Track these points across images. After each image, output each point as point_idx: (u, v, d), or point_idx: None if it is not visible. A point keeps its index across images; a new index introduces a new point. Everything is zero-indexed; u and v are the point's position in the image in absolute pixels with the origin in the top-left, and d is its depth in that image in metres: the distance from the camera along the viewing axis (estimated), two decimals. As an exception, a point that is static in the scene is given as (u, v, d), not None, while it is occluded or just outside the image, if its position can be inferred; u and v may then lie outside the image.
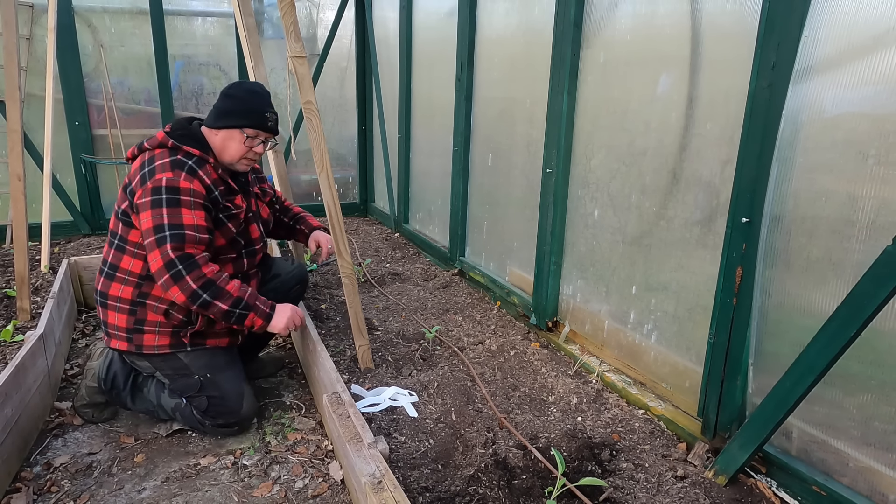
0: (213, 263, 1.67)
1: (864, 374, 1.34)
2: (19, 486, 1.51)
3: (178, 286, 1.57)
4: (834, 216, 1.37)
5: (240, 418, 1.75)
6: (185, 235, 1.58)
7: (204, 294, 1.59)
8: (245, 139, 1.71)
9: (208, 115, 1.76)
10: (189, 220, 1.60)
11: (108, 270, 1.72)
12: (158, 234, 1.57)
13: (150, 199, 1.58)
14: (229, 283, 1.65)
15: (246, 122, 1.71)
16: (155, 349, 1.72)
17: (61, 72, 3.61)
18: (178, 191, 1.59)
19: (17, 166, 2.43)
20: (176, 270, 1.56)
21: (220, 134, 1.72)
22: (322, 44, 4.42)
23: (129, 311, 1.70)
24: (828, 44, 1.34)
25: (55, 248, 3.55)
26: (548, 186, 2.38)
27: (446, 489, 1.56)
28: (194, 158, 1.67)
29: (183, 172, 1.61)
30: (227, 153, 1.73)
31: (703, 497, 1.54)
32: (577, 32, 2.15)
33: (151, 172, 1.61)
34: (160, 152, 1.67)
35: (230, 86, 1.76)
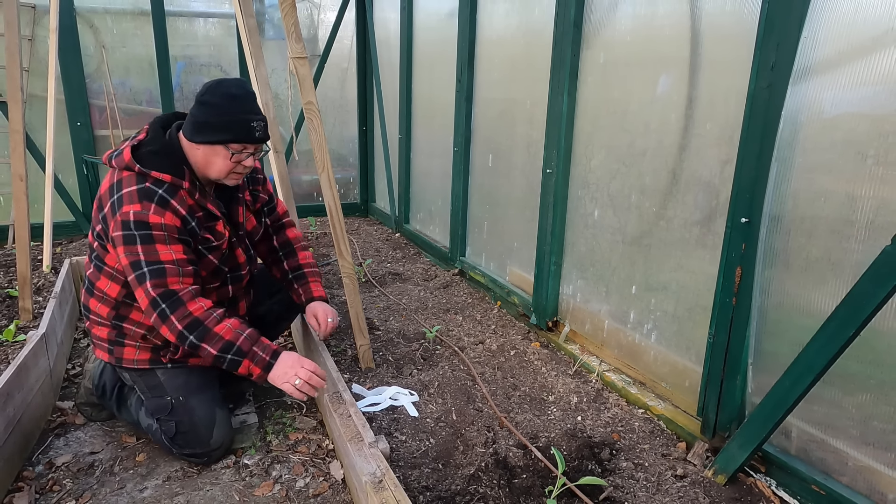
0: (203, 298, 1.51)
1: (863, 373, 1.35)
2: (21, 485, 1.52)
3: (166, 326, 1.46)
4: (833, 216, 1.37)
5: (209, 449, 1.61)
6: (165, 270, 1.45)
7: (190, 336, 1.46)
8: (231, 155, 1.50)
9: (185, 123, 1.53)
10: (167, 256, 1.46)
11: (87, 285, 1.64)
12: (137, 270, 1.45)
13: (122, 233, 1.44)
14: (221, 322, 1.49)
15: (228, 137, 1.48)
16: (134, 363, 1.64)
17: (63, 72, 3.62)
18: (148, 226, 1.43)
19: (19, 167, 2.44)
20: (160, 309, 1.45)
21: (201, 149, 1.50)
22: (323, 45, 4.43)
23: (112, 325, 1.63)
24: (827, 44, 1.35)
25: (57, 248, 3.56)
26: (548, 187, 2.38)
27: (447, 488, 1.56)
28: (164, 186, 1.48)
29: (152, 205, 1.44)
30: (212, 170, 1.53)
31: (702, 496, 1.54)
32: (577, 33, 2.15)
33: (119, 202, 1.45)
34: (128, 175, 1.48)
35: (205, 88, 1.48)
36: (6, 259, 3.34)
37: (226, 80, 1.53)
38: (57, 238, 3.65)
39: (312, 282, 1.90)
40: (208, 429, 1.61)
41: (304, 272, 1.90)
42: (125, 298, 1.58)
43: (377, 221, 4.74)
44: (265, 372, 1.52)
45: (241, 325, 1.53)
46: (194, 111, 1.51)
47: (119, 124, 3.87)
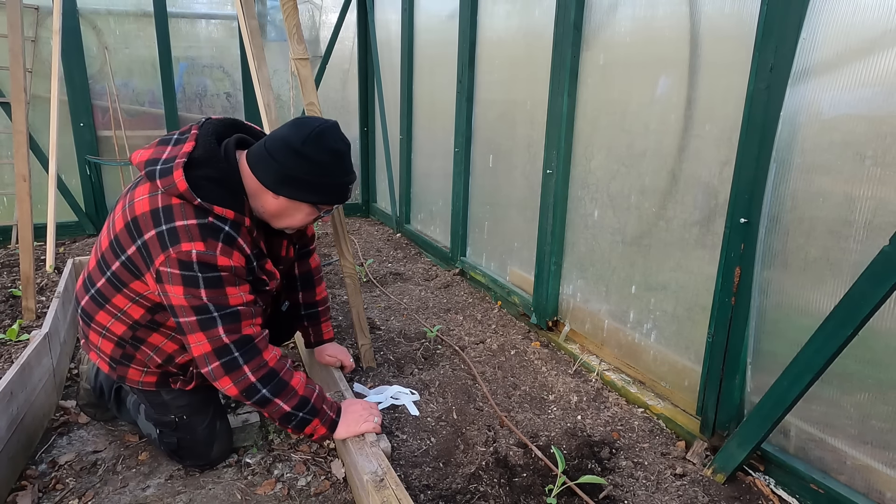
0: (275, 346, 1.37)
1: (862, 372, 1.35)
2: (25, 484, 1.53)
3: (231, 377, 1.29)
4: (831, 217, 1.38)
5: (208, 461, 1.61)
6: (239, 314, 1.28)
7: (264, 389, 1.31)
8: (317, 213, 1.38)
9: (260, 161, 1.29)
10: (237, 301, 1.29)
11: (95, 295, 1.41)
12: (202, 314, 1.26)
13: (179, 272, 1.23)
14: (293, 376, 1.36)
15: (324, 199, 1.33)
16: (139, 384, 1.52)
17: (66, 73, 3.64)
18: (216, 269, 1.25)
19: (22, 167, 2.45)
20: (230, 358, 1.28)
21: (281, 200, 1.31)
22: (325, 46, 4.44)
23: (118, 343, 1.45)
24: (825, 46, 1.35)
25: (60, 249, 3.57)
26: (548, 187, 2.39)
27: (447, 487, 1.57)
28: (229, 223, 1.27)
29: (219, 244, 1.24)
30: (285, 221, 1.37)
31: (701, 494, 1.55)
32: (577, 35, 2.16)
33: (173, 236, 1.23)
34: (180, 204, 1.25)
35: (305, 139, 1.25)
36: (10, 259, 3.36)
37: (326, 128, 1.29)
38: (60, 238, 3.67)
39: (324, 322, 1.84)
40: (208, 445, 1.60)
41: (318, 311, 1.81)
42: (148, 323, 1.41)
43: (378, 222, 4.75)
44: (330, 431, 1.45)
45: (308, 377, 1.44)
46: (286, 160, 1.27)
47: (122, 125, 3.89)
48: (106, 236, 1.37)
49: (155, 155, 1.29)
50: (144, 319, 1.41)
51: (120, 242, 1.32)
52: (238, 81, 4.22)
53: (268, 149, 1.29)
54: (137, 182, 1.36)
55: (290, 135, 1.27)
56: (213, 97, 4.22)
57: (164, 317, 1.40)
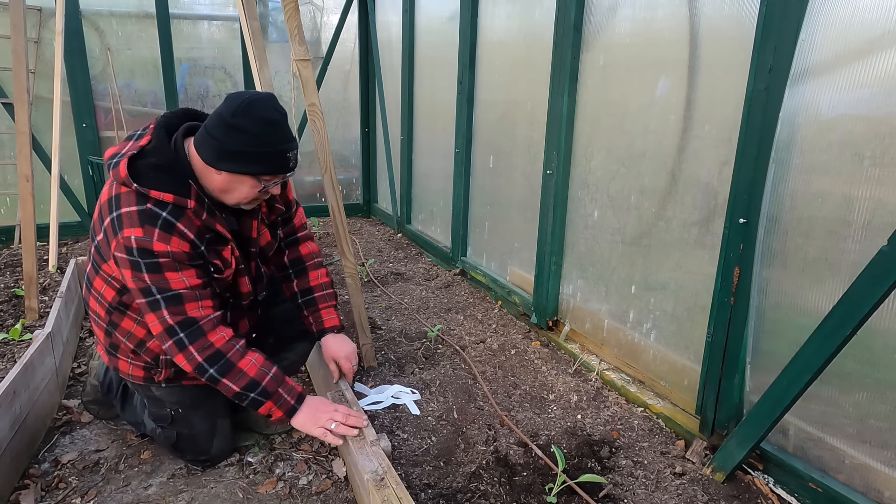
0: (225, 327, 1.40)
1: (860, 372, 1.36)
2: (28, 483, 1.54)
3: (183, 355, 1.35)
4: (830, 217, 1.38)
5: (209, 457, 1.61)
6: (181, 296, 1.32)
7: (210, 369, 1.35)
8: (260, 185, 1.35)
9: (200, 141, 1.32)
10: (178, 285, 1.32)
11: (87, 282, 1.53)
12: (148, 297, 1.31)
13: (125, 257, 1.29)
14: (245, 357, 1.38)
15: (262, 169, 1.32)
16: (129, 377, 1.56)
17: (69, 74, 3.65)
18: (153, 254, 1.28)
19: (25, 167, 2.46)
20: (177, 338, 1.34)
21: (224, 176, 1.32)
22: (326, 47, 4.46)
23: (106, 330, 1.51)
24: (824, 47, 1.36)
25: (63, 248, 3.59)
26: (548, 188, 2.40)
27: (448, 486, 1.58)
28: (168, 208, 1.30)
29: (156, 230, 1.28)
30: (232, 196, 1.37)
31: (701, 493, 1.56)
32: (577, 36, 2.17)
33: (119, 222, 1.30)
34: (126, 192, 1.31)
35: (235, 108, 1.26)
36: (12, 259, 3.38)
37: (257, 98, 1.28)
38: (62, 238, 3.68)
39: (324, 308, 1.73)
40: (208, 440, 1.60)
41: (315, 297, 1.72)
42: (118, 305, 1.47)
43: (379, 222, 4.76)
44: (287, 416, 1.44)
45: (267, 362, 1.43)
46: (220, 135, 1.27)
47: (124, 126, 3.90)
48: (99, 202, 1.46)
49: (117, 150, 1.37)
50: (115, 301, 1.45)
51: (94, 229, 1.43)
52: (240, 82, 4.24)
53: (206, 127, 1.32)
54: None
55: (222, 110, 1.29)
56: (215, 98, 4.23)
57: (130, 298, 1.44)
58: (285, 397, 1.43)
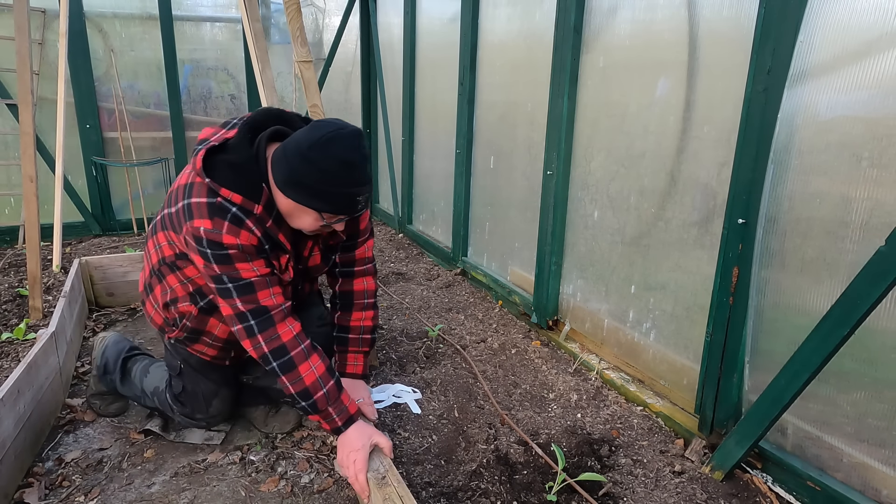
0: (293, 319, 1.38)
1: (858, 371, 1.37)
2: (32, 481, 1.55)
3: (250, 342, 1.35)
4: (828, 217, 1.39)
5: (206, 416, 1.66)
6: (252, 285, 1.31)
7: (274, 362, 1.34)
8: (321, 219, 1.32)
9: (277, 158, 1.28)
10: (249, 274, 1.31)
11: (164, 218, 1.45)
12: (219, 284, 1.32)
13: (195, 246, 1.29)
14: (307, 360, 1.36)
15: (326, 207, 1.28)
16: (150, 320, 1.64)
17: (73, 76, 3.67)
18: (222, 247, 1.27)
19: (29, 168, 2.48)
20: (247, 325, 1.34)
21: (289, 201, 1.30)
22: (328, 49, 4.48)
23: (151, 271, 1.54)
24: (822, 49, 1.37)
25: (67, 249, 3.61)
26: (548, 188, 2.41)
27: (449, 484, 1.59)
28: (236, 207, 1.29)
29: (225, 223, 1.27)
30: (294, 222, 1.36)
31: (700, 492, 1.57)
32: (577, 38, 2.18)
33: (189, 211, 1.29)
34: (200, 183, 1.31)
35: (314, 143, 1.21)
36: (17, 259, 3.39)
37: (340, 135, 1.23)
38: (66, 238, 3.70)
39: (352, 352, 1.66)
40: (208, 400, 1.64)
41: (349, 338, 1.66)
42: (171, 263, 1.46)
43: (381, 222, 4.77)
44: (334, 434, 1.43)
45: (326, 373, 1.39)
46: (293, 162, 1.24)
47: (127, 126, 3.92)
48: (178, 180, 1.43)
49: (206, 135, 1.38)
50: (170, 259, 1.46)
51: (170, 198, 1.42)
52: (242, 84, 4.26)
53: (284, 148, 1.28)
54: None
55: (302, 137, 1.25)
56: (218, 99, 4.25)
57: (185, 263, 1.45)
58: (334, 417, 1.41)
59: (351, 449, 1.40)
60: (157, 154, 4.08)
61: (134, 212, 4.01)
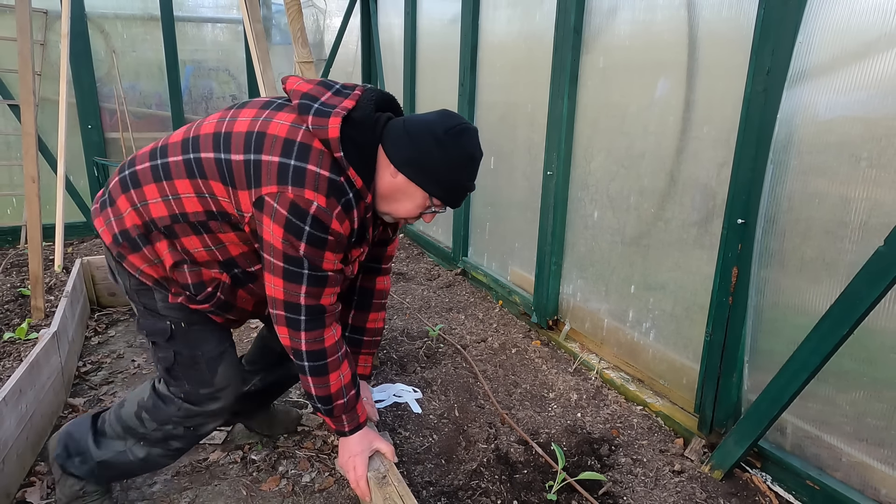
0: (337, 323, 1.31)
1: (857, 371, 1.37)
2: (34, 480, 1.56)
3: (289, 332, 1.24)
4: (827, 217, 1.40)
5: (212, 388, 1.36)
6: (326, 279, 1.21)
7: (307, 362, 1.26)
8: (427, 207, 1.27)
9: (396, 137, 1.22)
10: (329, 266, 1.21)
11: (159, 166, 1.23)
12: (292, 265, 1.17)
13: (287, 216, 1.13)
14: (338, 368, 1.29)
15: (441, 194, 1.24)
16: (137, 273, 1.28)
17: (74, 76, 3.69)
18: (326, 230, 1.15)
19: (31, 168, 2.49)
20: (296, 318, 1.22)
21: (399, 180, 1.23)
22: (329, 49, 4.49)
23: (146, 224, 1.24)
24: (821, 50, 1.38)
25: (68, 249, 3.62)
26: (548, 188, 2.42)
27: (449, 483, 1.59)
28: (354, 191, 1.19)
29: (339, 207, 1.16)
30: (393, 205, 1.28)
31: (699, 491, 1.57)
32: (577, 39, 2.19)
33: (299, 176, 1.13)
34: (320, 151, 1.16)
35: (449, 129, 1.19)
36: (19, 259, 3.41)
37: (471, 129, 1.23)
38: (68, 238, 3.71)
39: (364, 354, 1.62)
40: (211, 365, 1.36)
41: (363, 340, 1.60)
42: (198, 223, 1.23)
43: (381, 223, 4.78)
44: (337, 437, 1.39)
45: (351, 381, 1.33)
46: (422, 142, 1.19)
47: (129, 127, 3.93)
48: (211, 125, 1.23)
49: (314, 93, 1.20)
50: (196, 218, 1.22)
51: (229, 142, 1.18)
52: (243, 84, 4.27)
53: (407, 128, 1.22)
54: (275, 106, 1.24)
55: (435, 121, 1.21)
56: (219, 100, 4.26)
57: (219, 226, 1.23)
58: (344, 423, 1.36)
59: (351, 454, 1.38)
60: (158, 154, 4.09)
61: (135, 212, 4.02)
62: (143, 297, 1.33)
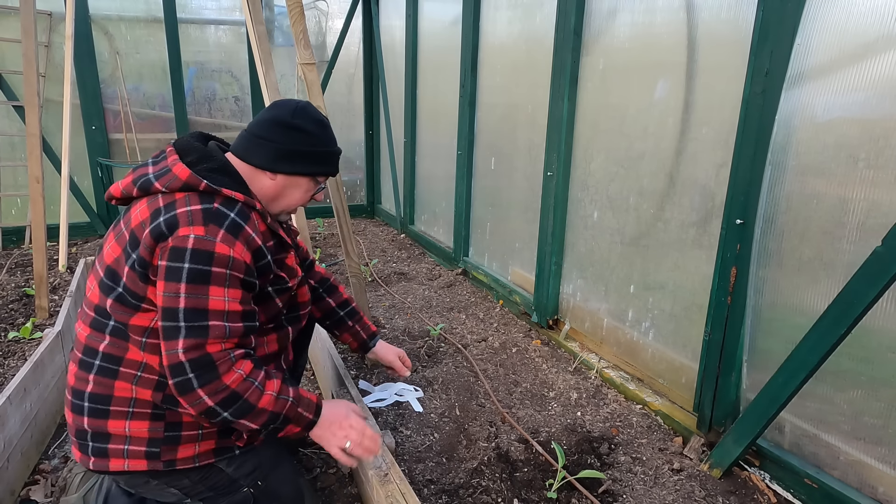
0: (244, 361, 1.14)
1: (855, 370, 1.38)
2: (38, 478, 1.57)
3: (186, 399, 1.08)
4: (825, 218, 1.41)
5: None
6: (207, 329, 1.08)
7: (224, 413, 1.10)
8: (313, 188, 1.30)
9: (248, 146, 1.23)
10: (217, 305, 1.09)
11: (102, 365, 1.15)
12: (169, 321, 1.07)
13: (166, 264, 1.07)
14: (265, 390, 1.14)
15: (321, 169, 1.27)
16: (195, 460, 1.19)
17: (78, 78, 3.71)
18: (210, 258, 1.08)
19: (35, 169, 2.50)
20: (183, 379, 1.07)
21: (279, 179, 1.23)
22: (331, 51, 4.51)
23: (157, 412, 1.16)
24: (819, 51, 1.39)
25: (72, 249, 3.64)
26: (549, 189, 2.43)
27: (450, 481, 1.60)
28: (237, 208, 1.15)
29: (221, 230, 1.10)
30: (283, 202, 1.28)
31: (698, 489, 1.58)
32: (577, 40, 2.20)
33: (171, 223, 1.09)
34: (183, 197, 1.13)
35: (294, 112, 1.23)
36: (23, 259, 3.42)
37: (304, 104, 1.28)
38: (72, 238, 3.74)
39: (364, 317, 1.67)
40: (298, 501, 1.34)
41: (353, 308, 1.64)
42: None
43: (383, 223, 4.79)
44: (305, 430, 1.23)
45: (282, 385, 1.18)
46: (278, 136, 1.21)
47: (132, 128, 3.96)
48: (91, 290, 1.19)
49: (138, 175, 1.19)
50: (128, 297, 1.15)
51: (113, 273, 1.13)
52: (246, 85, 4.29)
53: (255, 133, 1.24)
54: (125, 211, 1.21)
55: (276, 114, 1.24)
56: (222, 101, 4.28)
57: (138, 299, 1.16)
58: (304, 414, 1.21)
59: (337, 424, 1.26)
60: (161, 155, 4.11)
61: (138, 212, 4.04)
62: (211, 477, 1.24)
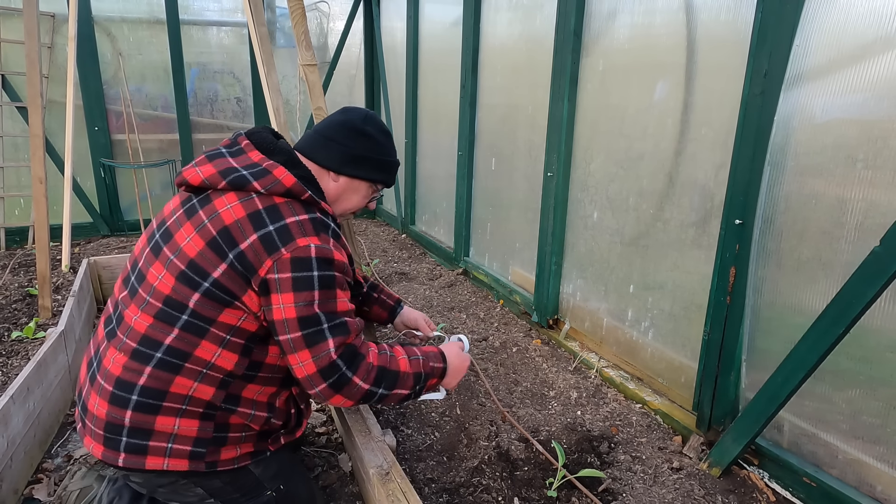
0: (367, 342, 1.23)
1: (853, 369, 1.39)
2: (41, 477, 1.58)
3: (343, 393, 1.14)
4: (824, 218, 1.41)
5: None
6: (346, 325, 1.14)
7: (379, 389, 1.18)
8: (371, 195, 1.33)
9: (317, 146, 1.24)
10: (343, 306, 1.15)
11: (163, 360, 1.10)
12: (310, 327, 1.09)
13: (291, 276, 1.07)
14: (397, 356, 1.24)
15: (381, 177, 1.30)
16: (234, 462, 1.19)
17: (81, 79, 3.72)
18: (331, 264, 1.11)
19: (39, 170, 2.51)
20: (338, 375, 1.12)
21: (341, 181, 1.26)
22: (332, 52, 4.52)
23: (205, 413, 1.14)
24: (818, 53, 1.39)
25: (75, 249, 3.65)
26: (549, 189, 2.44)
27: (451, 480, 1.61)
28: (331, 217, 1.21)
29: (330, 238, 1.14)
30: (342, 205, 1.31)
31: (697, 488, 1.59)
32: (577, 42, 2.21)
33: (284, 234, 1.09)
34: (286, 203, 1.13)
35: (364, 118, 1.26)
36: (27, 259, 3.44)
37: (370, 112, 1.31)
38: (75, 239, 3.75)
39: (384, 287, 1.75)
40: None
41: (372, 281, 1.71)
42: (246, 370, 1.16)
43: (384, 223, 4.80)
44: (440, 380, 1.33)
45: (401, 347, 1.28)
46: (348, 140, 1.23)
47: (135, 129, 3.97)
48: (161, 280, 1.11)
49: (223, 167, 1.15)
50: (241, 368, 1.15)
51: (199, 268, 1.09)
52: (248, 86, 4.30)
53: (324, 134, 1.25)
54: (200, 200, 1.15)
55: (347, 119, 1.27)
56: (224, 102, 4.30)
57: (263, 352, 1.18)
58: (436, 366, 1.31)
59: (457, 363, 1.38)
60: (164, 156, 4.13)
61: (142, 213, 4.05)
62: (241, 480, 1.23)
